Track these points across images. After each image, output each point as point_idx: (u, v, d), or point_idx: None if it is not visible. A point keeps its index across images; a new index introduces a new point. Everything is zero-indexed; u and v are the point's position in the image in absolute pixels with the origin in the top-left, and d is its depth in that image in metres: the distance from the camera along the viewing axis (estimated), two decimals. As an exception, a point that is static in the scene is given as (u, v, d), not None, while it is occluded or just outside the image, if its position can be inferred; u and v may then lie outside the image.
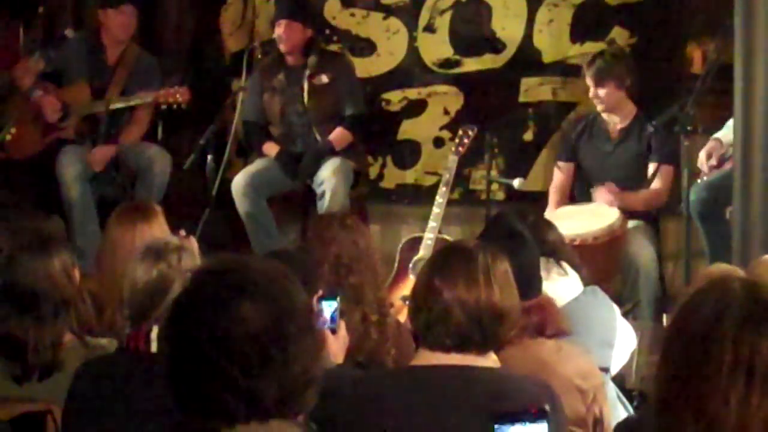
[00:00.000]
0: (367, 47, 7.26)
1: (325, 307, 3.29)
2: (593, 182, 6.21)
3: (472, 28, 7.11)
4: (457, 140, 6.39)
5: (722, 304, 1.90)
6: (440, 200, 6.11)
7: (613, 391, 3.74)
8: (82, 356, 3.42)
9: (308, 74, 6.62)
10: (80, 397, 3.19)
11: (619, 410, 3.72)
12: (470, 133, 6.37)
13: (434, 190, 6.29)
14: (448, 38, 7.13)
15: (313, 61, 6.63)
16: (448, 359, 2.87)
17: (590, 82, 6.14)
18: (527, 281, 3.30)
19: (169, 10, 7.65)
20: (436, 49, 7.15)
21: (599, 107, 6.21)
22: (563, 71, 6.92)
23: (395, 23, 7.21)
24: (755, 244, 4.80)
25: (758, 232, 4.83)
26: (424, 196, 6.84)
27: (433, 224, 6.04)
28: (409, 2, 7.18)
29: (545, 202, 6.35)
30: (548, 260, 3.78)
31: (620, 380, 4.21)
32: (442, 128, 7.12)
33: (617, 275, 5.84)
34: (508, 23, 7.01)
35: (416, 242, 6.08)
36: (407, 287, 5.66)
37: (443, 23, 7.13)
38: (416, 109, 7.20)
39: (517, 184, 6.24)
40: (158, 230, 4.25)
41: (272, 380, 2.02)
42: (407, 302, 4.07)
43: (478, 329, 2.86)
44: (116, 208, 4.63)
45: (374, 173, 7.23)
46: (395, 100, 7.23)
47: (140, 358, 3.17)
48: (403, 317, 4.14)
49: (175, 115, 6.69)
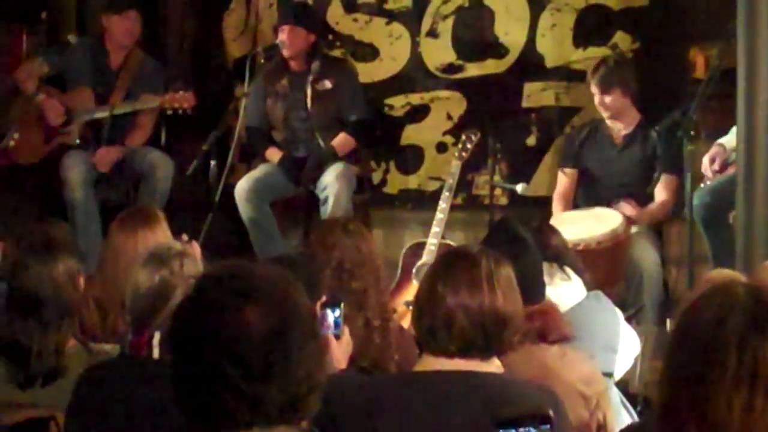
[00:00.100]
0: (369, 52, 7.25)
1: (329, 313, 3.29)
2: (598, 188, 6.21)
3: (474, 33, 7.11)
4: (460, 145, 6.38)
5: (726, 309, 1.90)
6: (443, 205, 6.10)
7: (616, 396, 3.74)
8: (85, 362, 3.42)
9: (311, 80, 6.62)
10: (82, 402, 3.19)
11: (622, 415, 3.72)
12: (473, 138, 6.36)
13: (437, 195, 6.27)
14: (450, 43, 7.13)
15: (316, 66, 6.63)
16: (451, 365, 2.87)
17: (596, 89, 6.13)
18: (530, 286, 3.30)
19: (172, 15, 7.65)
20: (439, 54, 7.15)
21: (605, 114, 6.21)
22: (566, 76, 6.92)
23: (398, 28, 7.21)
24: (758, 248, 4.79)
25: (761, 236, 4.82)
26: (427, 201, 6.84)
27: (436, 229, 6.03)
28: (411, 7, 7.18)
29: (548, 207, 6.34)
30: (551, 265, 3.78)
31: (624, 385, 4.21)
32: (445, 133, 7.12)
33: (621, 280, 5.83)
34: (510, 28, 7.01)
35: (419, 248, 6.07)
36: (410, 293, 5.66)
37: (446, 28, 7.13)
38: (419, 114, 7.20)
39: (520, 189, 6.24)
40: (161, 236, 4.25)
41: (276, 386, 2.02)
42: (410, 307, 4.07)
43: (481, 335, 2.86)
44: (119, 213, 4.63)
45: (377, 178, 7.23)
46: (398, 105, 7.22)
47: (142, 363, 3.17)
48: (406, 323, 4.13)
49: (178, 120, 6.68)
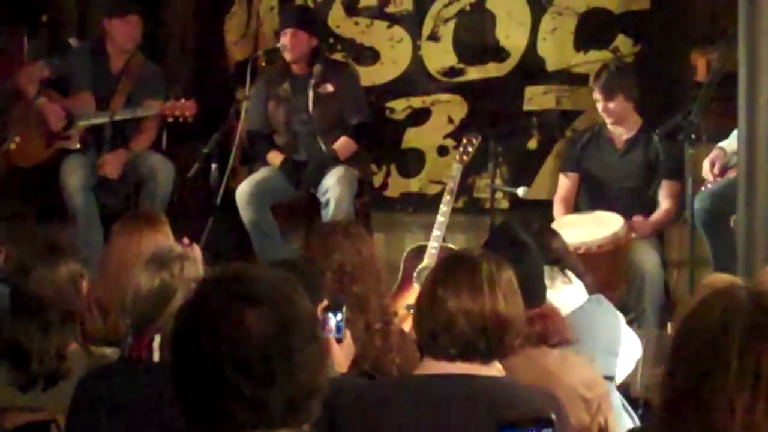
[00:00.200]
0: (371, 56, 7.26)
1: (330, 317, 3.29)
2: (599, 192, 6.21)
3: (476, 36, 7.11)
4: (461, 149, 6.38)
5: (728, 313, 1.89)
6: (444, 209, 6.10)
7: (618, 399, 3.74)
8: (87, 366, 3.41)
9: (313, 83, 6.62)
10: (82, 405, 3.19)
11: (624, 419, 3.72)
12: (474, 141, 6.36)
13: (438, 198, 6.28)
14: (452, 47, 7.13)
15: (318, 70, 6.63)
16: (452, 368, 2.87)
17: (599, 95, 6.13)
18: (531, 290, 3.29)
19: (173, 19, 7.65)
20: (440, 57, 7.15)
21: (609, 120, 6.20)
22: (567, 79, 6.92)
23: (399, 32, 7.21)
24: (759, 252, 4.78)
25: (762, 240, 4.81)
26: (428, 204, 6.83)
27: (437, 233, 6.03)
28: (413, 11, 7.18)
29: (550, 210, 6.34)
30: (553, 269, 3.78)
31: (625, 389, 4.20)
32: (446, 137, 7.12)
33: (622, 284, 5.82)
34: (512, 31, 7.01)
35: (420, 251, 6.07)
36: (412, 296, 5.66)
37: (447, 32, 7.13)
38: (420, 117, 7.20)
39: (521, 192, 6.23)
40: (163, 240, 4.25)
41: (277, 389, 2.01)
42: (411, 311, 4.07)
43: (482, 338, 2.86)
44: (121, 216, 4.63)
45: (378, 182, 7.23)
46: (399, 108, 7.23)
47: (142, 366, 3.17)
48: (407, 326, 4.13)
49: (179, 124, 6.67)
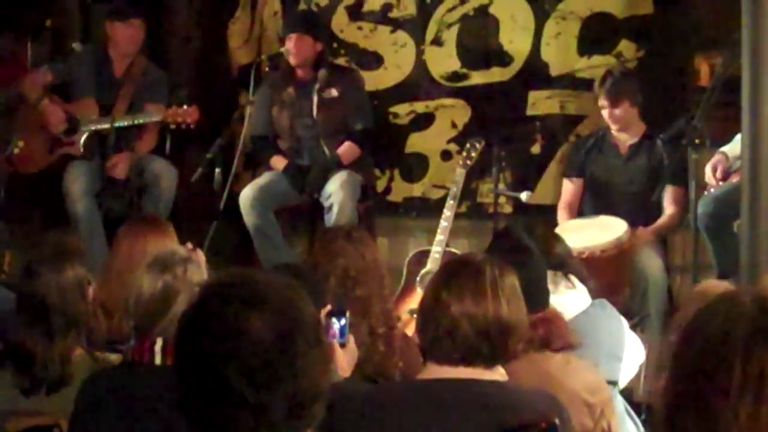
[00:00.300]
0: (374, 60, 7.26)
1: (334, 321, 3.29)
2: (603, 197, 6.21)
3: (479, 41, 7.12)
4: (464, 153, 6.39)
5: (732, 318, 1.89)
6: (448, 213, 6.10)
7: (621, 404, 3.73)
8: (91, 371, 3.42)
9: (318, 88, 6.62)
10: (84, 409, 3.19)
11: (627, 424, 3.71)
12: (478, 146, 6.37)
13: (442, 203, 6.28)
14: (455, 51, 7.13)
15: (323, 74, 6.63)
16: (455, 373, 2.87)
17: (605, 102, 6.12)
18: (534, 294, 3.29)
19: (177, 23, 7.65)
20: (443, 62, 7.15)
21: (614, 126, 6.19)
22: (571, 84, 6.92)
23: (403, 36, 7.22)
24: (763, 257, 4.77)
25: (766, 245, 4.80)
26: (431, 209, 6.84)
27: (440, 237, 6.03)
28: (416, 16, 7.18)
29: (553, 215, 6.34)
30: (556, 273, 3.77)
31: (628, 393, 4.20)
32: (449, 141, 7.12)
33: (625, 288, 5.82)
34: (515, 36, 7.02)
35: (424, 256, 6.07)
36: (415, 301, 5.66)
37: (450, 36, 7.13)
38: (424, 122, 7.20)
39: (524, 197, 6.23)
40: (169, 243, 4.25)
41: (280, 394, 2.01)
42: (415, 316, 4.07)
43: (485, 343, 2.86)
44: (127, 220, 4.64)
45: (382, 186, 7.23)
46: (403, 113, 7.23)
47: (144, 370, 3.17)
48: (410, 331, 4.14)
49: (183, 129, 6.67)
